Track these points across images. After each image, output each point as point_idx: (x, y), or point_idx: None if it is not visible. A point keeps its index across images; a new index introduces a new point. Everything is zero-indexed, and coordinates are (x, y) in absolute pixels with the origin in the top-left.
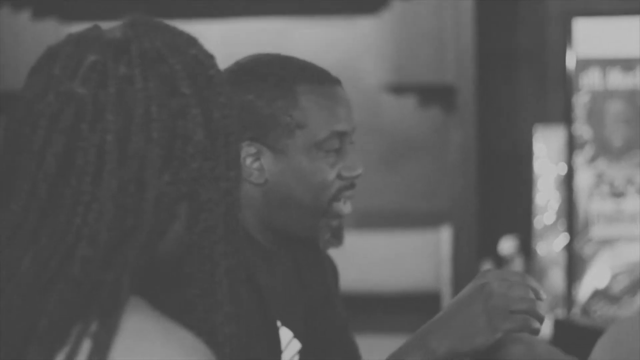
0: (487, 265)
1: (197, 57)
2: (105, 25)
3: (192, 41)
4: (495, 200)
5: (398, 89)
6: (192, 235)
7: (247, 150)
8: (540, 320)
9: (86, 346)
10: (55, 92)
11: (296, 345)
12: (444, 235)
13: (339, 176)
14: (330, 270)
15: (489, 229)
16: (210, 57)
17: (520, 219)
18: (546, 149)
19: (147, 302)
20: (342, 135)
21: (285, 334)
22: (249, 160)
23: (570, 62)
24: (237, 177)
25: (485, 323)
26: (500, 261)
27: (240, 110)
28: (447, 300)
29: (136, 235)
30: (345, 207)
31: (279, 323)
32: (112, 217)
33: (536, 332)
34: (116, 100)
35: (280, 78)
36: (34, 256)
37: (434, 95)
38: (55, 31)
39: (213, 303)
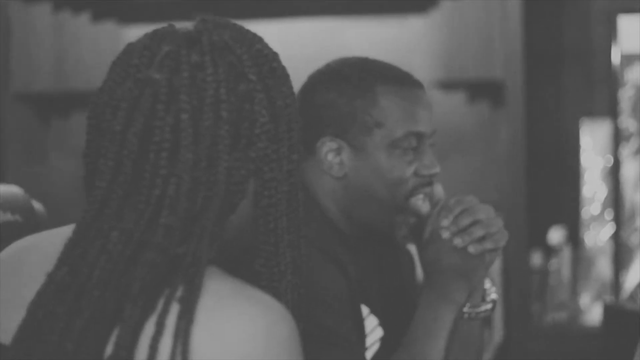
0: (536, 255)
1: (261, 50)
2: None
3: (257, 37)
4: (543, 192)
5: (447, 85)
6: (257, 210)
7: (329, 146)
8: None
9: (174, 309)
10: (134, 78)
11: (379, 332)
12: None
13: (416, 174)
14: (406, 260)
15: (538, 220)
16: (273, 53)
17: (568, 210)
18: (592, 142)
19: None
20: (419, 136)
21: (371, 321)
22: (330, 155)
23: (615, 57)
24: (298, 160)
25: (477, 260)
26: (549, 251)
27: (323, 107)
28: (498, 289)
29: (211, 205)
30: (423, 205)
31: (366, 310)
32: (189, 188)
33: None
34: (189, 83)
35: (361, 78)
36: (122, 228)
37: (483, 91)
38: (114, 33)
39: (277, 272)
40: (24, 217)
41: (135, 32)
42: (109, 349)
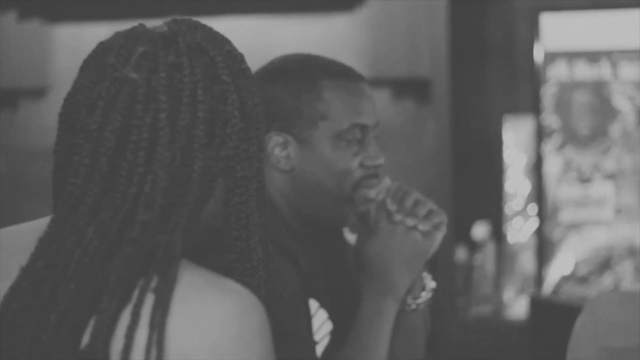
0: (461, 250)
1: (231, 51)
2: (92, 24)
3: (225, 39)
4: (469, 188)
5: (374, 83)
6: (229, 207)
7: (275, 140)
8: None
9: (149, 299)
10: (111, 77)
11: (328, 326)
12: None
13: (361, 165)
14: (350, 252)
15: (463, 215)
16: (240, 54)
17: (492, 206)
18: (516, 138)
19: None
20: (363, 127)
21: (320, 315)
22: (277, 149)
23: (538, 55)
24: (263, 158)
25: (421, 249)
26: (474, 246)
27: (269, 103)
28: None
29: (185, 200)
30: (370, 193)
31: (316, 304)
32: (165, 185)
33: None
34: (167, 84)
35: (305, 73)
36: (98, 223)
37: (409, 88)
38: (40, 32)
39: (249, 268)
40: None
41: (61, 31)
42: (85, 340)
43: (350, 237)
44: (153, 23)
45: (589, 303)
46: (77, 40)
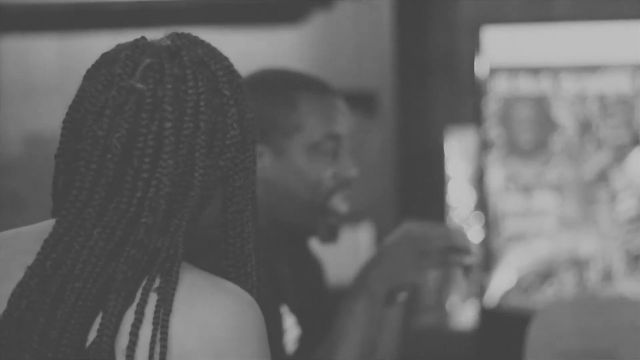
0: None
1: (230, 67)
2: (37, 35)
3: (224, 55)
4: (412, 198)
5: None
6: (226, 215)
7: None
8: (465, 251)
9: (153, 298)
10: (118, 87)
11: (296, 331)
12: (364, 233)
13: (334, 176)
14: (318, 263)
15: None
16: (237, 71)
17: (436, 216)
18: (459, 149)
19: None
20: (336, 138)
21: (288, 320)
22: None
23: (480, 67)
24: (256, 169)
25: (410, 262)
26: None
27: None
28: None
29: (186, 205)
30: (342, 205)
31: (286, 308)
32: (168, 191)
33: (459, 264)
34: (172, 94)
35: (281, 86)
36: (104, 226)
37: (354, 100)
38: None
39: (243, 273)
40: None
41: (6, 42)
42: (91, 336)
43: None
44: (96, 37)
45: (541, 312)
46: (19, 53)
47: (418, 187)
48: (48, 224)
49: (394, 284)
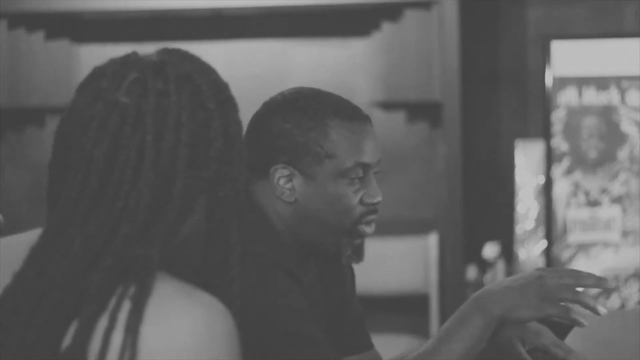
0: (472, 269)
1: (217, 81)
2: (116, 45)
3: (212, 69)
4: (479, 209)
5: (388, 106)
6: (209, 225)
7: (281, 172)
8: (590, 308)
9: (126, 306)
10: (104, 101)
11: None
12: (432, 241)
13: (361, 202)
14: (348, 274)
15: (474, 236)
16: (225, 83)
17: (502, 226)
18: (526, 161)
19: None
20: (365, 166)
21: None
22: (282, 181)
23: (548, 80)
24: (245, 181)
25: (534, 302)
26: (484, 265)
27: (278, 136)
28: (435, 301)
29: (166, 217)
30: (367, 228)
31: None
32: (148, 202)
33: (577, 323)
34: (155, 108)
35: (315, 111)
36: (85, 235)
37: (421, 111)
38: (67, 51)
39: (226, 282)
40: None
41: (87, 51)
42: (66, 341)
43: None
44: (171, 45)
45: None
46: (102, 60)
47: (485, 198)
48: (39, 232)
49: (510, 317)
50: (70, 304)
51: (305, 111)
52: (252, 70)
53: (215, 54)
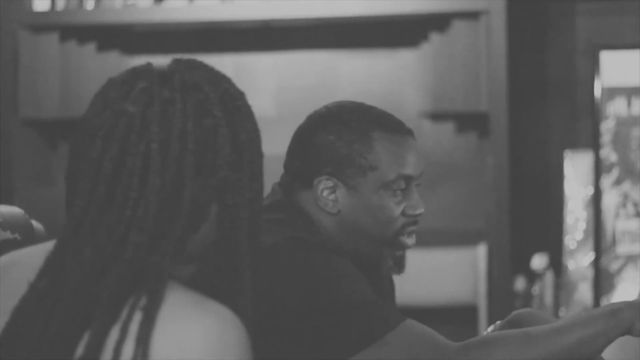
0: (520, 280)
1: (228, 90)
2: (166, 56)
3: (225, 78)
4: (527, 220)
5: (436, 116)
6: (220, 232)
7: (325, 184)
8: None
9: (137, 316)
10: (112, 110)
11: None
12: (480, 252)
13: (403, 213)
14: (388, 285)
15: (522, 247)
16: (239, 92)
17: (550, 237)
18: (575, 171)
19: (181, 284)
20: (408, 178)
21: None
22: (325, 192)
23: (597, 91)
24: (260, 189)
25: None
26: (532, 276)
27: (322, 148)
28: (483, 312)
29: (175, 226)
30: (409, 240)
31: None
32: (157, 210)
33: None
34: (160, 116)
35: (359, 124)
36: (95, 244)
37: (470, 121)
38: (118, 62)
39: (237, 289)
40: (23, 235)
41: (137, 62)
42: (79, 351)
43: None
44: (218, 58)
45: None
46: None
47: (533, 209)
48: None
49: (636, 331)
50: (83, 314)
51: (349, 124)
52: (302, 81)
53: (264, 65)
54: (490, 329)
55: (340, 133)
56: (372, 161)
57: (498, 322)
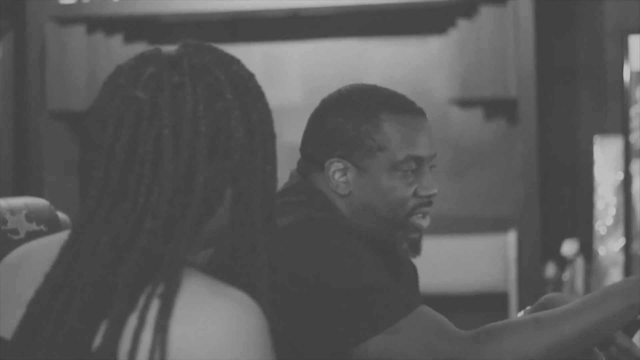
0: (550, 266)
1: (238, 72)
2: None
3: (235, 60)
4: (557, 206)
5: (465, 103)
6: (235, 215)
7: (336, 166)
8: None
9: (155, 304)
10: (121, 96)
11: None
12: (510, 239)
13: (415, 194)
14: (409, 270)
15: (552, 233)
16: (249, 74)
17: (580, 223)
18: (604, 157)
19: (198, 270)
20: (419, 159)
21: None
22: (337, 175)
23: (626, 75)
24: (273, 170)
25: None
26: (563, 262)
27: (332, 131)
28: (514, 299)
29: (190, 211)
30: (423, 221)
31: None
32: (170, 195)
33: None
34: (170, 101)
35: (367, 106)
36: (110, 232)
37: (498, 108)
38: None
39: (254, 272)
40: (49, 227)
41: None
42: (97, 341)
43: None
44: (246, 47)
45: None
46: None
47: (563, 195)
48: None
49: None
50: (100, 303)
51: (357, 105)
52: (330, 69)
53: (292, 54)
54: (520, 314)
55: (349, 115)
56: (381, 142)
57: (528, 307)
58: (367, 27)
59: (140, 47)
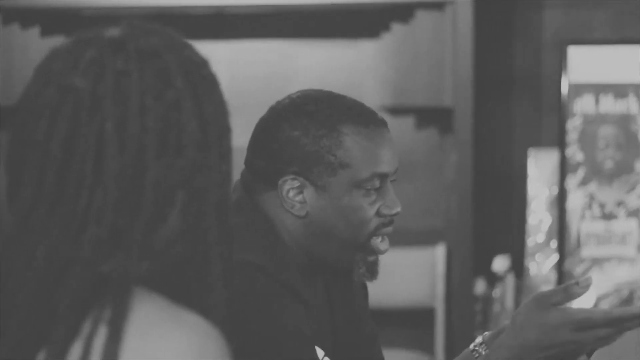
0: (480, 283)
1: (191, 57)
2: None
3: (185, 44)
4: (490, 220)
5: (396, 111)
6: (186, 221)
7: (291, 184)
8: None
9: (102, 332)
10: (57, 85)
11: None
12: (439, 253)
13: (378, 214)
14: (359, 289)
15: (483, 248)
16: (203, 60)
17: (513, 239)
18: (539, 171)
19: (148, 287)
20: (383, 176)
21: (318, 352)
22: (292, 193)
23: (564, 87)
24: (229, 171)
25: (573, 349)
26: (493, 279)
27: (287, 144)
28: (440, 315)
29: (139, 217)
30: (382, 244)
31: (321, 352)
32: (116, 199)
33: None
34: (113, 91)
35: (326, 117)
36: (47, 243)
37: (432, 116)
38: None
39: (207, 285)
40: None
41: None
42: None
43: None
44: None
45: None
46: None
47: (495, 209)
48: None
49: None
50: (37, 329)
51: (315, 116)
52: (257, 71)
53: (217, 54)
54: (478, 339)
55: (306, 127)
56: (343, 158)
57: (487, 333)
58: (297, 28)
59: (58, 41)
